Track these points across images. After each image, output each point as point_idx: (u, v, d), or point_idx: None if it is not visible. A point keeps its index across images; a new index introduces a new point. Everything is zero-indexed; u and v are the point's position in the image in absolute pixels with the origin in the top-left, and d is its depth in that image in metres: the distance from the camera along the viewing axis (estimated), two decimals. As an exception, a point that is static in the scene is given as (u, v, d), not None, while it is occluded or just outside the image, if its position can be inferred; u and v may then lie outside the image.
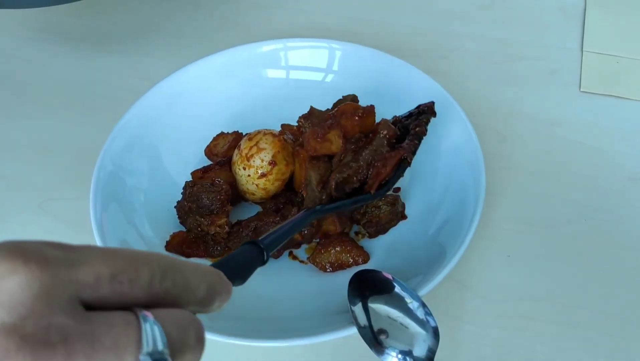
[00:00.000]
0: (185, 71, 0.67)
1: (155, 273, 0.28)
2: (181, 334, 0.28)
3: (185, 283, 0.30)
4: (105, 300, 0.27)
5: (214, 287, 0.32)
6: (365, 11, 0.80)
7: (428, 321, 0.48)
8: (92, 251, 0.27)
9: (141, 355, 0.26)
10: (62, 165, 0.66)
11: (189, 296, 0.30)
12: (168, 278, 0.29)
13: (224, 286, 0.32)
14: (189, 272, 0.30)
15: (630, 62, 0.73)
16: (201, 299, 0.31)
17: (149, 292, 0.28)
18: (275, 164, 0.58)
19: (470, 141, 0.59)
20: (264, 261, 0.40)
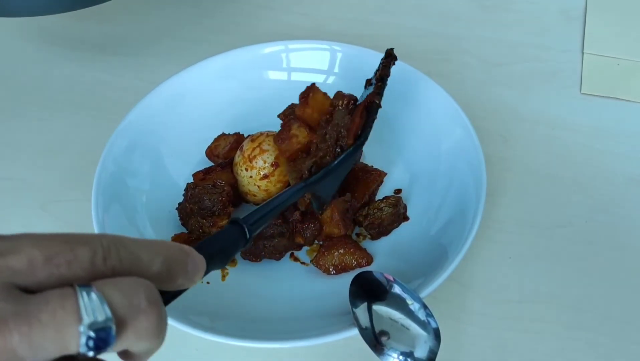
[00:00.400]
0: (187, 72, 0.67)
1: (96, 251, 0.28)
2: (128, 298, 0.27)
3: (134, 258, 0.29)
4: (44, 284, 0.26)
5: (173, 260, 0.31)
6: (366, 13, 0.80)
7: (429, 323, 0.48)
8: (26, 238, 0.27)
9: (81, 326, 0.25)
10: (65, 167, 0.66)
11: (141, 272, 0.29)
12: (112, 255, 0.28)
13: (189, 259, 0.31)
14: (139, 247, 0.29)
15: (631, 64, 0.73)
16: (158, 274, 0.30)
17: (92, 271, 0.27)
18: (278, 166, 0.58)
19: (472, 142, 0.59)
20: (246, 242, 0.39)
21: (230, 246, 0.37)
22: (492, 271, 0.57)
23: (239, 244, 0.38)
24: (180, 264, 0.31)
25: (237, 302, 0.55)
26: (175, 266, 0.31)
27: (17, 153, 0.68)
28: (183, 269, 0.31)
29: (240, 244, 0.38)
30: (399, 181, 0.62)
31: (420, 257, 0.56)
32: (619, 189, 0.63)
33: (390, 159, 0.63)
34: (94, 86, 0.74)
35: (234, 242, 0.38)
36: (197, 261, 0.32)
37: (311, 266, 0.57)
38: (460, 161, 0.60)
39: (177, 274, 0.31)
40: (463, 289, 0.56)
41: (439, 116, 0.63)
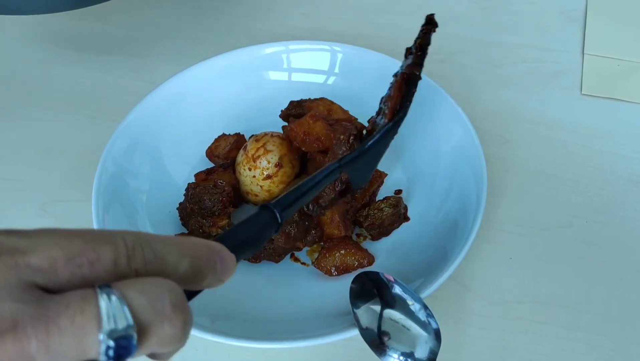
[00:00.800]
0: (188, 72, 0.67)
1: (120, 252, 0.26)
2: (152, 302, 0.25)
3: (161, 259, 0.27)
4: (65, 285, 0.25)
5: (201, 260, 0.29)
6: (367, 14, 0.80)
7: (430, 323, 0.48)
8: (47, 235, 0.26)
9: (101, 334, 0.24)
10: (65, 167, 0.66)
11: (167, 274, 0.27)
12: (136, 256, 0.27)
13: (218, 258, 0.30)
14: (165, 246, 0.28)
15: (631, 65, 0.73)
16: (186, 275, 0.28)
17: (115, 273, 0.26)
18: (282, 167, 0.58)
19: (472, 143, 0.59)
20: (278, 227, 0.36)
21: (261, 233, 0.35)
22: (493, 272, 0.57)
23: (270, 231, 0.35)
24: (208, 265, 0.29)
25: (237, 302, 0.55)
26: (203, 266, 0.29)
27: (17, 153, 0.68)
28: (212, 269, 0.29)
29: (272, 231, 0.36)
30: (400, 182, 0.62)
31: (420, 257, 0.56)
32: (619, 190, 0.63)
33: (390, 159, 0.63)
34: (95, 86, 0.74)
35: (265, 228, 0.35)
36: (226, 260, 0.30)
37: (311, 266, 0.57)
38: (461, 162, 0.60)
39: (206, 275, 0.29)
40: (463, 290, 0.56)
41: (440, 117, 0.63)
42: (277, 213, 0.35)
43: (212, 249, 0.30)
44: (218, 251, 0.30)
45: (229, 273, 0.30)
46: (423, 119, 0.64)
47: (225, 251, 0.30)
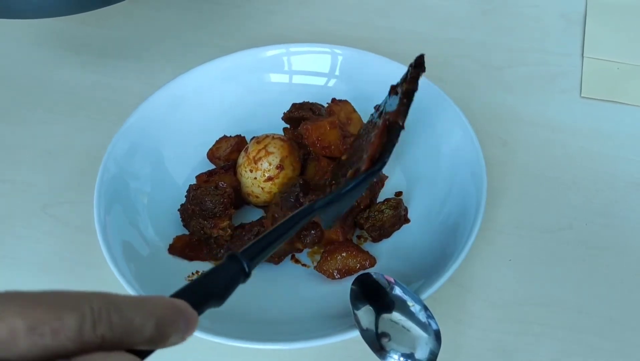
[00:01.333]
0: (189, 75, 0.67)
1: (85, 318, 0.25)
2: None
3: (127, 323, 0.27)
4: (26, 356, 0.24)
5: (165, 321, 0.28)
6: (368, 17, 0.80)
7: (430, 325, 0.48)
8: (10, 301, 0.25)
9: None
10: (67, 169, 0.67)
11: (133, 338, 0.27)
12: (103, 321, 0.26)
13: (181, 318, 0.29)
14: (131, 310, 0.27)
15: (631, 68, 0.73)
16: (150, 338, 0.28)
17: (80, 341, 0.25)
18: (283, 169, 0.58)
19: (472, 145, 0.60)
20: (246, 277, 0.35)
21: (228, 285, 0.34)
22: (493, 274, 0.57)
23: (237, 281, 0.35)
24: (172, 325, 0.29)
25: (237, 303, 0.54)
26: (167, 327, 0.29)
27: (19, 155, 0.68)
28: (176, 329, 0.29)
29: (239, 281, 0.35)
30: (400, 184, 0.62)
31: (421, 259, 0.56)
32: (618, 192, 0.63)
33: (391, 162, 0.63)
34: (96, 89, 0.74)
35: (232, 279, 0.35)
36: (190, 319, 0.30)
37: (311, 268, 0.57)
38: (461, 164, 0.60)
39: (169, 335, 0.29)
40: (463, 291, 0.56)
41: (440, 119, 0.63)
42: (245, 263, 0.35)
43: (177, 308, 0.29)
44: (182, 310, 0.30)
45: (191, 331, 0.30)
46: (424, 121, 0.64)
47: (189, 309, 0.30)
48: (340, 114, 0.61)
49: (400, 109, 0.50)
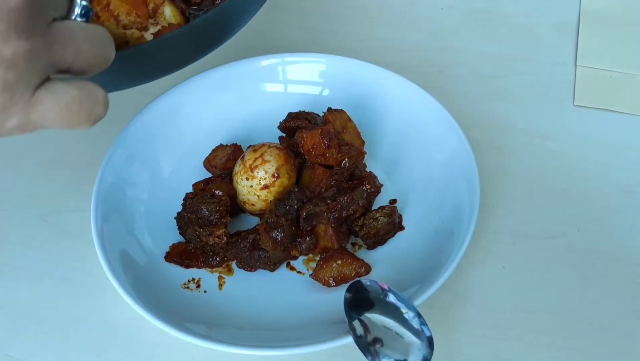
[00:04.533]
0: (185, 84, 0.67)
1: None
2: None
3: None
4: None
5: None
6: (362, 27, 0.81)
7: (423, 331, 0.49)
8: None
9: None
10: (64, 177, 0.67)
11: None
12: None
13: None
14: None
15: (624, 76, 0.74)
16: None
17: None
18: (279, 177, 0.59)
19: (466, 154, 0.60)
20: None
21: None
22: (486, 281, 0.58)
23: None
24: None
25: (234, 310, 0.55)
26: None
27: (17, 164, 0.69)
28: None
29: None
30: (394, 192, 0.63)
31: (415, 266, 0.56)
32: (611, 200, 0.63)
33: (385, 169, 0.64)
34: (94, 98, 0.75)
35: None
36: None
37: (307, 275, 0.58)
38: (455, 172, 0.60)
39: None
40: (457, 299, 0.57)
41: (434, 128, 0.64)
42: None
43: None
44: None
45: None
46: (417, 129, 0.65)
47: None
48: (335, 122, 0.62)
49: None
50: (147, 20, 0.67)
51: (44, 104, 0.32)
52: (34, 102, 0.32)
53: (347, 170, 0.60)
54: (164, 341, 0.54)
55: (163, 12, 0.69)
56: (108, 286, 0.54)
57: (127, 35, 0.65)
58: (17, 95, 0.31)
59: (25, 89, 0.31)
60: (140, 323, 0.53)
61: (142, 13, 0.68)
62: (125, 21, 0.62)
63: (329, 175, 0.59)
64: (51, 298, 0.59)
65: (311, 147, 0.59)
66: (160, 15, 0.68)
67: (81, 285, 0.59)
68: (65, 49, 0.32)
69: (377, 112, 0.66)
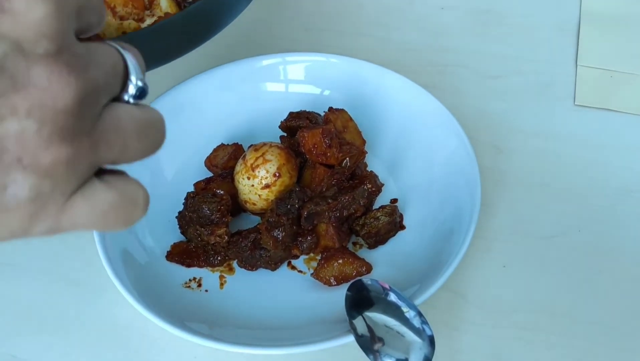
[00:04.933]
0: (186, 84, 0.68)
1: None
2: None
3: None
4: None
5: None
6: (363, 27, 0.81)
7: (424, 330, 0.49)
8: None
9: (135, 81, 0.28)
10: (65, 177, 0.67)
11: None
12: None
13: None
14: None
15: (624, 76, 0.74)
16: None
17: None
18: (280, 176, 0.59)
19: (466, 153, 0.60)
20: None
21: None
22: (487, 280, 0.58)
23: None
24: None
25: (235, 309, 0.56)
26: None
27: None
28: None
29: None
30: (395, 191, 0.63)
31: (416, 265, 0.56)
32: (611, 199, 0.63)
33: (386, 169, 0.64)
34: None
35: None
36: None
37: (308, 274, 0.58)
38: (455, 172, 0.60)
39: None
40: (458, 298, 0.57)
41: (434, 127, 0.64)
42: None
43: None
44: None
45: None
46: (418, 129, 0.65)
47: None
48: (337, 122, 0.62)
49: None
50: (143, 12, 0.67)
51: (77, 210, 0.27)
52: (67, 208, 0.27)
53: (348, 169, 0.60)
54: (165, 340, 0.54)
55: (159, 4, 0.69)
56: (109, 286, 0.54)
57: (124, 26, 0.65)
58: (50, 203, 0.26)
59: (60, 195, 0.26)
60: (141, 322, 0.53)
61: (138, 4, 0.68)
62: (122, 12, 0.63)
63: (330, 174, 0.59)
64: (53, 297, 0.59)
65: (312, 147, 0.59)
66: (156, 6, 0.68)
67: (83, 284, 0.59)
68: (111, 148, 0.28)
69: (378, 112, 0.67)
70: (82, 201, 0.27)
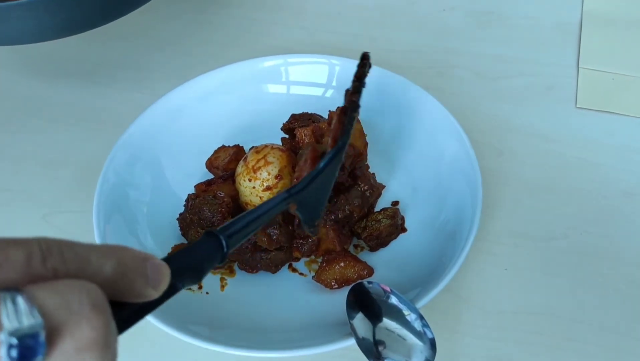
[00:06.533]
0: (187, 85, 0.68)
1: (32, 252, 0.25)
2: (67, 302, 0.24)
3: (81, 259, 0.26)
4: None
5: (127, 264, 0.27)
6: (364, 28, 0.81)
7: (425, 333, 0.49)
8: None
9: (2, 334, 0.23)
10: (67, 178, 0.67)
11: (90, 275, 0.26)
12: (54, 255, 0.25)
13: (148, 264, 0.28)
14: (87, 249, 0.27)
15: (626, 78, 0.74)
16: (112, 278, 0.27)
17: (28, 273, 0.25)
18: (282, 178, 0.59)
19: (468, 156, 0.60)
20: (223, 256, 0.33)
21: (204, 260, 0.33)
22: (488, 283, 0.58)
23: (214, 258, 0.33)
24: (137, 269, 0.28)
25: (236, 312, 0.55)
26: (131, 270, 0.27)
27: (20, 165, 0.69)
28: (141, 274, 0.28)
29: (216, 258, 0.33)
30: (397, 193, 0.63)
31: (417, 268, 0.56)
32: (613, 202, 0.63)
33: (387, 171, 0.64)
34: (96, 99, 0.75)
35: (209, 256, 0.33)
36: (158, 267, 0.29)
37: (309, 277, 0.58)
38: (457, 173, 0.60)
39: (134, 279, 0.28)
40: (459, 301, 0.57)
41: (436, 129, 0.64)
42: (224, 240, 0.33)
43: (142, 256, 0.28)
44: (148, 258, 0.29)
45: (162, 281, 0.29)
46: (420, 131, 0.65)
47: (155, 258, 0.29)
48: None
49: (353, 90, 0.52)
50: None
51: None
52: None
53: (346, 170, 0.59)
54: (165, 343, 0.54)
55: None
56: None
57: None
58: None
59: None
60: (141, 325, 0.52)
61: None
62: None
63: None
64: (53, 298, 0.59)
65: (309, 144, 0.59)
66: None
67: (83, 286, 0.59)
68: None
69: (380, 113, 0.66)
70: None
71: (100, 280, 0.26)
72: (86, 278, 0.26)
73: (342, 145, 0.48)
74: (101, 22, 0.63)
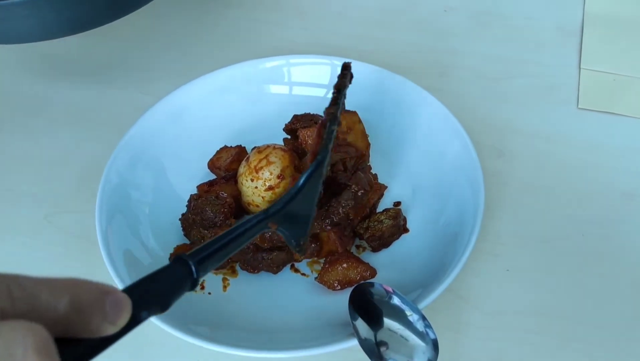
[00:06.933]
0: (190, 86, 0.68)
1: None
2: (9, 347, 0.23)
3: (31, 297, 0.25)
4: None
5: (83, 300, 0.26)
6: (366, 29, 0.81)
7: (427, 334, 0.49)
8: None
9: None
10: (69, 178, 0.67)
11: (41, 314, 0.25)
12: (1, 295, 0.24)
13: (107, 298, 0.27)
14: (37, 286, 0.26)
15: (627, 79, 0.74)
16: (66, 316, 0.26)
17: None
18: (284, 178, 0.59)
19: (470, 156, 0.60)
20: (193, 284, 0.31)
21: (171, 289, 0.31)
22: (490, 284, 0.58)
23: (183, 286, 0.31)
24: (93, 305, 0.26)
25: (237, 312, 0.55)
26: (86, 306, 0.26)
27: (23, 165, 0.69)
28: (98, 309, 0.26)
29: (185, 286, 0.31)
30: (399, 194, 0.63)
31: (419, 269, 0.56)
32: (614, 203, 0.63)
33: (389, 171, 0.64)
34: (98, 100, 0.75)
35: (176, 283, 0.31)
36: (117, 301, 0.27)
37: (311, 277, 0.58)
38: (458, 174, 0.60)
39: (90, 316, 0.26)
40: (461, 301, 0.57)
41: (438, 130, 0.64)
42: (193, 266, 0.32)
43: (100, 289, 0.27)
44: (107, 291, 0.27)
45: (122, 316, 0.27)
46: (422, 132, 0.65)
47: (118, 292, 0.27)
48: (342, 123, 0.61)
49: (332, 99, 0.52)
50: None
51: None
52: None
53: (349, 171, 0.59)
54: (167, 343, 0.54)
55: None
56: (112, 288, 0.54)
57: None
58: None
59: None
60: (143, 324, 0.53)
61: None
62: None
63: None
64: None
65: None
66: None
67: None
68: None
69: (381, 114, 0.67)
70: None
71: (52, 318, 0.25)
72: (37, 317, 0.25)
73: (322, 159, 0.47)
74: (106, 20, 0.63)
